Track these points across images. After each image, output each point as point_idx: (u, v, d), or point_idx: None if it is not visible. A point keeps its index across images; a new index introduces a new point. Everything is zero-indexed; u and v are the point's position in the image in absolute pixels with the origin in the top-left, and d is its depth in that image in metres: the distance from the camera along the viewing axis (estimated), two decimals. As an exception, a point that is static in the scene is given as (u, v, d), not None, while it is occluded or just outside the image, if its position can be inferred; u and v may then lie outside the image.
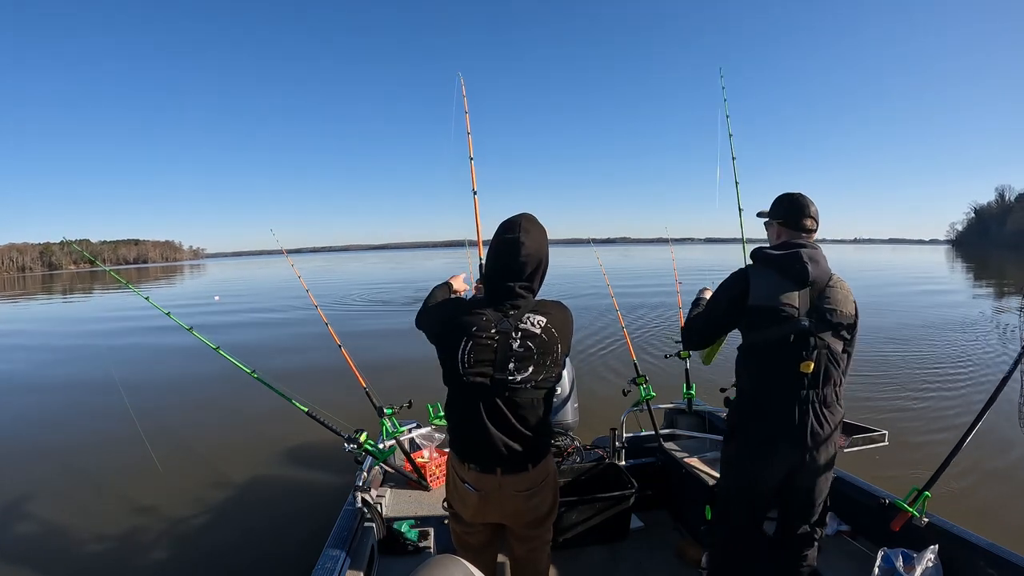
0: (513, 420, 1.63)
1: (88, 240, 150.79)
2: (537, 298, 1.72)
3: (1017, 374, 1.92)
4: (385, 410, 2.60)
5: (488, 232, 2.05)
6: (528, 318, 1.65)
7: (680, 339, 2.09)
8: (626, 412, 3.18)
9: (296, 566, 2.43)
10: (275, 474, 4.42)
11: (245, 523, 3.65)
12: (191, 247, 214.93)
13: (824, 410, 1.74)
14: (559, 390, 3.06)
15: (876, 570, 1.85)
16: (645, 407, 3.14)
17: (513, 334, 1.63)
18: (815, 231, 1.85)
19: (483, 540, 1.80)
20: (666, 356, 3.29)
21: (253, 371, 2.67)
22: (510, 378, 1.61)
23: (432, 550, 2.28)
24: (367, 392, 2.83)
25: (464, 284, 1.97)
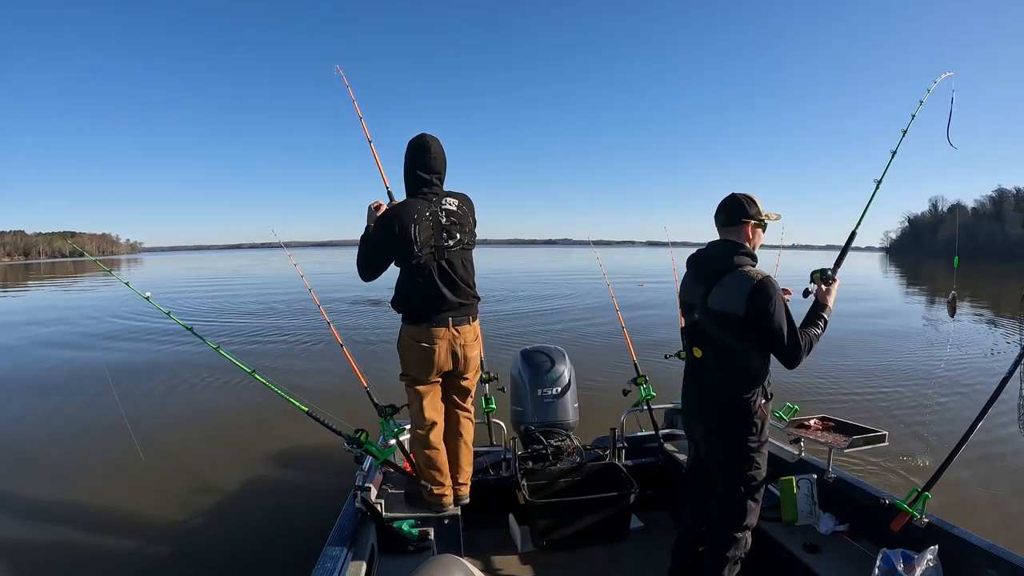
0: (454, 277, 2.27)
1: (23, 232, 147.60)
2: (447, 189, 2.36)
3: (1017, 375, 1.93)
4: (386, 410, 2.60)
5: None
6: (445, 200, 2.30)
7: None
8: (626, 412, 3.18)
9: (296, 566, 2.43)
10: (274, 474, 4.41)
11: (244, 523, 3.64)
12: (128, 241, 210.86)
13: (713, 394, 1.89)
14: (558, 389, 3.08)
15: (876, 570, 1.85)
16: (645, 407, 3.15)
17: (439, 212, 2.26)
18: (725, 226, 1.93)
19: (435, 391, 2.41)
20: (666, 356, 3.29)
21: (253, 370, 2.67)
22: (446, 244, 2.25)
23: (432, 550, 2.28)
24: (368, 392, 2.82)
25: (380, 202, 2.38)
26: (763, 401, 1.86)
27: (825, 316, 1.91)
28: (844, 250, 2.18)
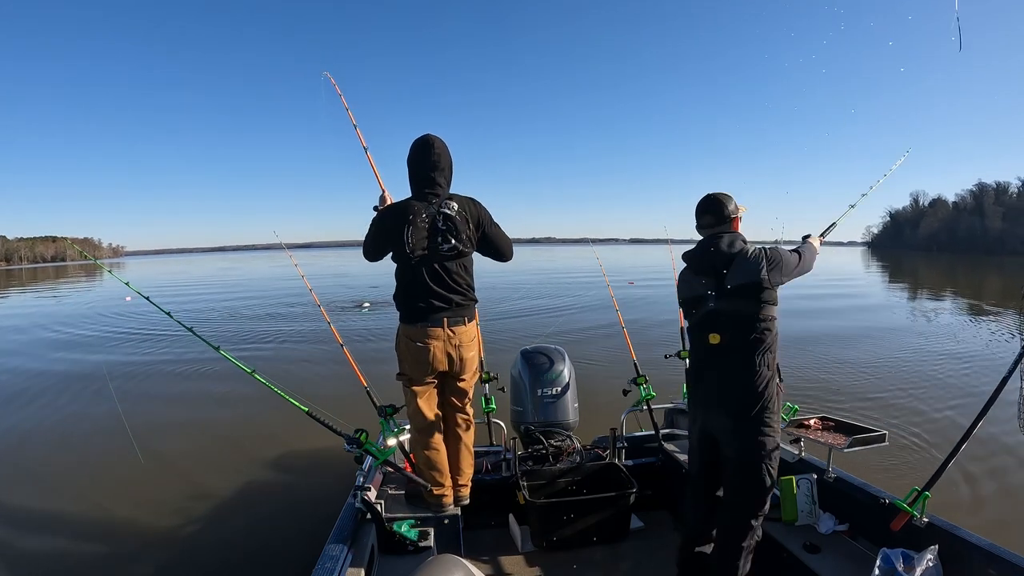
0: (447, 280, 2.28)
1: (4, 237, 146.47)
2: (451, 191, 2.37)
3: (1016, 374, 1.93)
4: (386, 410, 2.60)
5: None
6: (446, 204, 2.29)
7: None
8: (626, 412, 3.19)
9: (296, 566, 2.43)
10: (274, 474, 4.41)
11: (244, 523, 3.64)
12: (110, 244, 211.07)
13: (735, 375, 1.95)
14: (558, 389, 3.07)
15: (876, 570, 1.85)
16: (645, 407, 3.15)
17: (437, 216, 2.26)
18: (714, 226, 2.09)
19: (431, 391, 2.43)
20: (666, 356, 3.29)
21: (253, 371, 2.66)
22: (440, 249, 2.26)
23: (432, 550, 2.28)
24: (368, 392, 2.82)
25: (388, 196, 2.51)
26: (779, 381, 1.97)
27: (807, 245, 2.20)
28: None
